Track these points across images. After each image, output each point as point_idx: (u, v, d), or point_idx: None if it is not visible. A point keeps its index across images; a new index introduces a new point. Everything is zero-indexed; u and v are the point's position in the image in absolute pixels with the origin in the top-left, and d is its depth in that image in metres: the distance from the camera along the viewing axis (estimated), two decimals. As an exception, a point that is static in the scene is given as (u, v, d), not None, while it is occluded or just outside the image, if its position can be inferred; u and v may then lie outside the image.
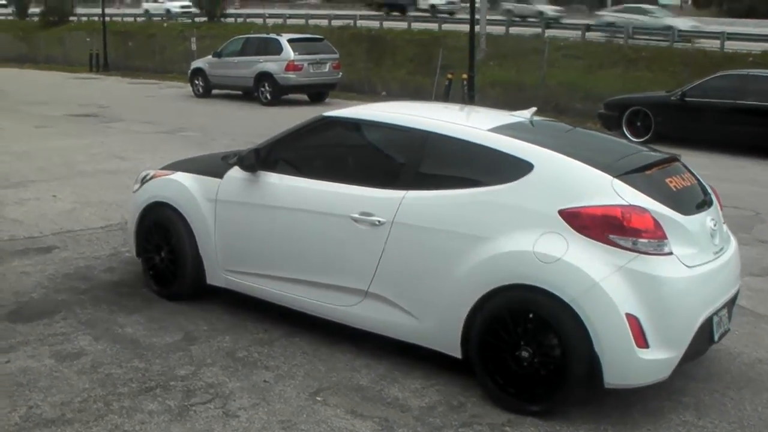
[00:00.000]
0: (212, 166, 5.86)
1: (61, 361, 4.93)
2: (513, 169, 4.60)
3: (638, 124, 15.54)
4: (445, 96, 20.43)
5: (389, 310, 4.91)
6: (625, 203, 4.32)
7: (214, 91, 22.39)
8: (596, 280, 4.20)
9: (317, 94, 22.09)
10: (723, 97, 14.57)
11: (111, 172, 10.75)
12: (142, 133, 14.72)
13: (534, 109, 5.45)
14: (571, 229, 4.32)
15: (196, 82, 22.64)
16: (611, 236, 4.26)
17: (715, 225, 4.83)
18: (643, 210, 4.31)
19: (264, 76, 20.96)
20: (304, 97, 22.07)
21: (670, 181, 4.75)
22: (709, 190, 5.12)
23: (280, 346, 5.28)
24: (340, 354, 5.19)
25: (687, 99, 15.02)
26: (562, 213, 4.37)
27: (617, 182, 4.41)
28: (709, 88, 14.89)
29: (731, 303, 4.92)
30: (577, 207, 4.36)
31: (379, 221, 4.87)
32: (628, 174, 4.52)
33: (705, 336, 4.53)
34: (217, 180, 5.65)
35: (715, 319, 4.61)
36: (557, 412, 4.45)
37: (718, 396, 4.87)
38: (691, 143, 13.61)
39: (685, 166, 5.11)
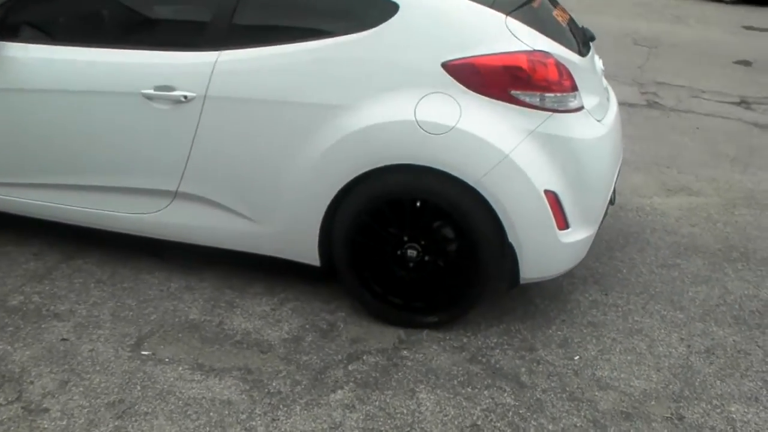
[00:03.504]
0: None
1: None
2: (370, 11, 3.39)
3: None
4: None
5: (213, 214, 3.68)
6: (528, 48, 3.30)
7: None
8: (505, 152, 3.21)
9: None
10: None
11: None
12: None
13: None
14: (462, 87, 3.25)
15: None
16: (513, 92, 3.26)
17: (602, 65, 4.02)
18: (547, 55, 3.32)
19: None
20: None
21: (558, 15, 3.81)
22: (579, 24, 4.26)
23: (62, 276, 3.90)
24: (147, 275, 3.94)
25: None
26: (447, 66, 3.27)
27: (511, 21, 3.35)
28: None
29: None
30: (467, 57, 3.26)
31: (185, 97, 3.53)
32: (519, 9, 3.47)
33: (609, 199, 3.77)
34: None
35: None
36: (457, 321, 3.56)
37: (606, 260, 4.28)
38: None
39: None
